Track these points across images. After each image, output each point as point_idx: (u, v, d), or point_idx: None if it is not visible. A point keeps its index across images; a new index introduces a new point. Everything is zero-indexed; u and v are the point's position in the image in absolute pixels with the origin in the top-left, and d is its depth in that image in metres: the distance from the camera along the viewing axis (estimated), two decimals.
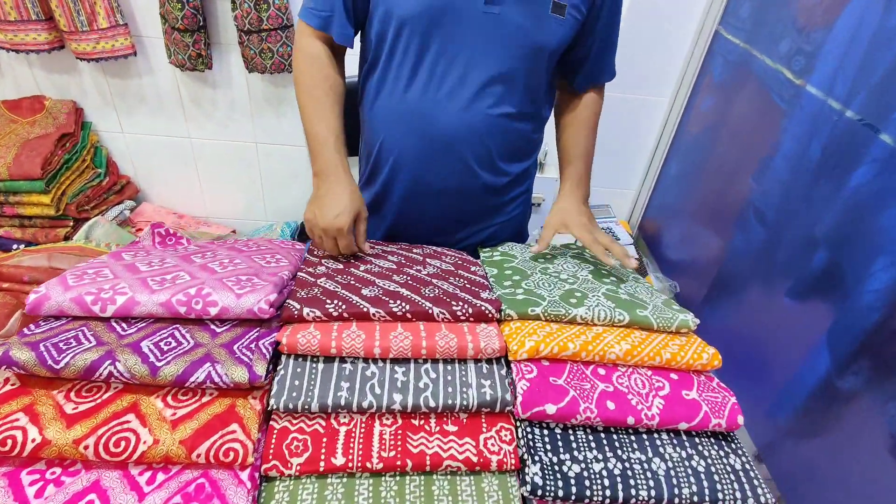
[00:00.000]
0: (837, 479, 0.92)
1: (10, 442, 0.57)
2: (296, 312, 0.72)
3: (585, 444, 0.68)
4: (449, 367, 0.71)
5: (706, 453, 0.69)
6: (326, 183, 0.90)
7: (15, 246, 1.53)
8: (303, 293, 0.77)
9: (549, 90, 1.00)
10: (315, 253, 0.94)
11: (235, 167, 1.80)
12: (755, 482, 0.67)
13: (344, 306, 0.73)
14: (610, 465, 0.65)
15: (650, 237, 1.70)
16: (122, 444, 0.58)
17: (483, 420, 0.69)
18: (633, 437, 0.70)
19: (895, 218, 0.83)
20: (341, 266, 0.89)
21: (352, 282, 0.82)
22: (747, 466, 0.69)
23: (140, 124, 1.71)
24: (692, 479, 0.66)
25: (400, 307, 0.74)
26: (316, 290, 0.78)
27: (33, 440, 0.57)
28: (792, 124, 1.06)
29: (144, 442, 0.59)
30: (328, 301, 0.74)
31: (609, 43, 0.97)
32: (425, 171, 0.97)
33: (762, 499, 0.66)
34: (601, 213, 1.71)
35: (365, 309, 0.73)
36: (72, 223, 1.58)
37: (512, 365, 0.72)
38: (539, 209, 1.79)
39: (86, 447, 0.58)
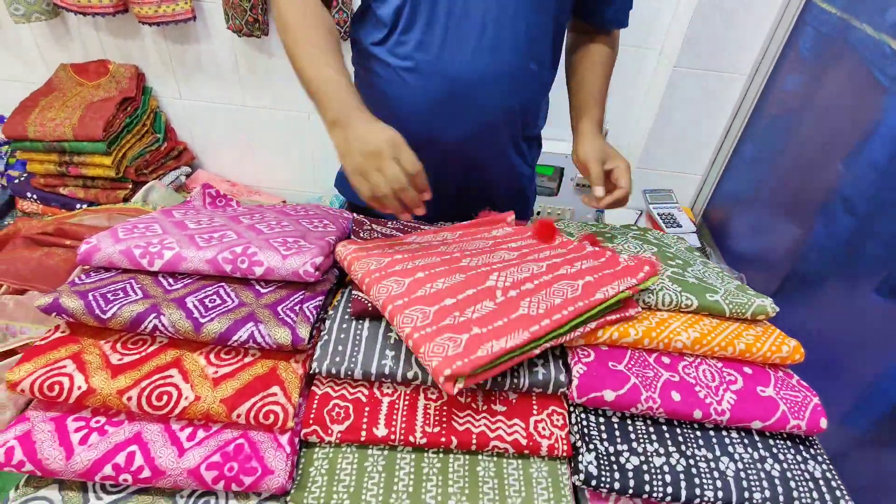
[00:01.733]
0: None
1: (57, 388, 0.57)
2: (369, 306, 0.68)
3: (646, 437, 0.62)
4: None
5: (781, 457, 0.62)
6: (353, 126, 0.72)
7: (78, 205, 1.58)
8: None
9: (555, 49, 0.94)
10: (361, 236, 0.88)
11: (288, 137, 1.80)
12: (837, 493, 0.60)
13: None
14: (672, 461, 0.60)
15: (716, 226, 1.59)
16: (165, 398, 0.57)
17: (534, 402, 0.64)
18: (699, 433, 0.63)
19: None
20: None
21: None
22: (829, 475, 0.62)
23: (198, 91, 1.73)
24: (765, 484, 0.59)
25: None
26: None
27: (79, 387, 0.57)
28: (894, 101, 0.95)
29: (186, 398, 0.57)
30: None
31: None
32: (442, 124, 0.90)
33: None
34: (663, 199, 1.62)
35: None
36: (131, 186, 1.62)
37: (567, 349, 0.67)
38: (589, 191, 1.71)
39: (129, 398, 0.57)
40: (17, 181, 1.65)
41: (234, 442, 0.57)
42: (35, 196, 1.61)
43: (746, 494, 0.58)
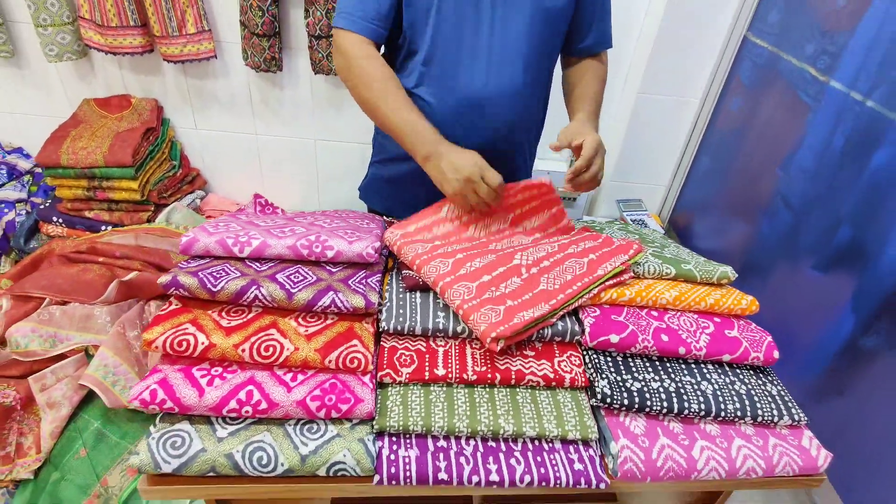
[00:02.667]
0: (863, 431, 1.03)
1: (185, 344, 0.71)
2: (420, 281, 0.85)
3: (643, 368, 0.80)
4: None
5: (746, 380, 0.81)
6: (443, 154, 0.90)
7: (103, 227, 1.70)
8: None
9: (551, 68, 1.10)
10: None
11: (295, 162, 1.97)
12: (790, 405, 0.79)
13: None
14: (665, 384, 0.78)
15: (681, 229, 1.82)
16: (271, 349, 0.72)
17: (556, 348, 0.82)
18: (683, 366, 0.82)
19: None
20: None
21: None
22: (782, 393, 0.81)
23: (212, 121, 1.88)
24: (735, 399, 0.78)
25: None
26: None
27: (202, 343, 0.72)
28: (817, 117, 1.19)
29: (287, 349, 0.73)
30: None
31: (604, 12, 1.08)
32: (459, 132, 1.01)
33: (796, 417, 0.77)
34: (634, 207, 1.84)
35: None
36: (152, 208, 1.75)
37: (578, 308, 0.85)
38: (574, 203, 1.93)
39: (243, 350, 0.72)
40: (41, 207, 1.75)
41: (329, 381, 0.73)
42: (61, 220, 1.71)
43: (722, 406, 0.76)
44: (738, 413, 0.76)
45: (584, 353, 0.82)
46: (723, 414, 0.76)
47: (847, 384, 1.07)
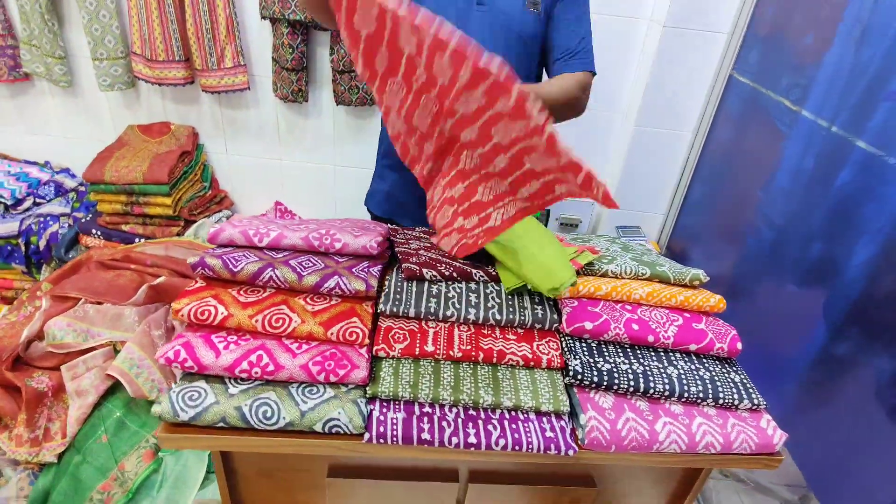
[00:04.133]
0: (836, 432, 1.08)
1: (206, 313, 0.82)
2: (417, 271, 0.95)
3: (614, 353, 0.88)
4: (510, 296, 0.94)
5: (711, 368, 0.88)
6: None
7: (137, 240, 1.85)
8: (414, 259, 1.00)
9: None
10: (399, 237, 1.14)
11: (315, 186, 2.12)
12: (750, 391, 0.85)
13: (453, 266, 0.96)
14: (634, 367, 0.85)
15: (677, 255, 1.90)
16: (281, 321, 0.82)
17: (535, 334, 0.90)
18: (651, 353, 0.89)
19: (872, 207, 1.03)
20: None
21: (444, 256, 1.02)
22: (745, 380, 0.88)
23: (242, 148, 2.06)
24: (699, 382, 0.85)
25: None
26: (423, 256, 1.02)
27: (222, 314, 0.82)
28: (791, 143, 1.29)
29: (295, 321, 0.83)
30: (438, 265, 0.97)
31: (580, 36, 1.14)
32: None
33: (755, 401, 0.84)
34: (633, 234, 1.93)
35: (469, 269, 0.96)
36: (182, 223, 1.90)
37: (557, 299, 0.94)
38: (575, 230, 2.02)
39: (256, 321, 0.82)
40: (82, 220, 1.92)
41: (330, 350, 0.82)
42: (99, 232, 1.87)
43: (686, 388, 0.83)
44: (701, 395, 0.83)
45: (562, 338, 0.91)
46: (686, 395, 0.83)
47: (826, 389, 1.13)
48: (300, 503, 0.98)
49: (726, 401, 0.83)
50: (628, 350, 0.89)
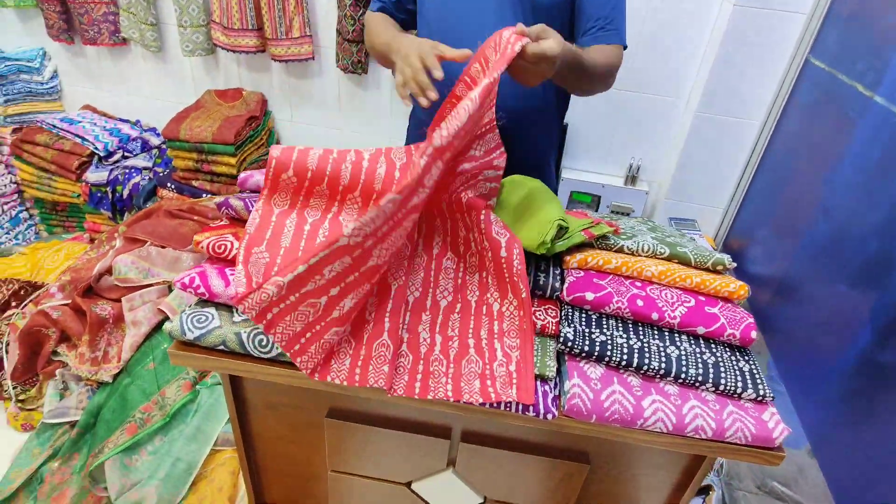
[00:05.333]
0: (874, 449, 0.98)
1: (223, 247, 0.88)
2: None
3: (614, 327, 0.85)
4: None
5: (717, 353, 0.83)
6: (399, 45, 0.98)
7: (204, 195, 2.00)
8: None
9: None
10: None
11: None
12: (757, 381, 0.80)
13: None
14: (631, 342, 0.82)
15: (734, 253, 1.78)
16: None
17: (535, 301, 0.89)
18: (655, 331, 0.86)
19: None
20: None
21: None
22: (754, 370, 0.82)
23: (306, 116, 2.16)
24: (700, 365, 0.80)
25: None
26: None
27: (236, 248, 0.88)
28: (858, 131, 1.17)
29: None
30: None
31: (611, 7, 1.07)
32: None
33: (761, 392, 0.78)
34: (688, 227, 1.83)
35: None
36: None
37: (564, 269, 0.92)
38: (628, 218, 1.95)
39: None
40: (160, 174, 2.10)
41: None
42: (173, 186, 2.05)
43: (684, 370, 0.79)
44: (700, 378, 0.79)
45: (562, 307, 0.89)
46: (683, 376, 0.79)
47: (867, 401, 1.03)
48: (303, 439, 1.04)
49: (728, 388, 0.78)
50: (629, 325, 0.86)
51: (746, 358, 0.84)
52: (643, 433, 0.78)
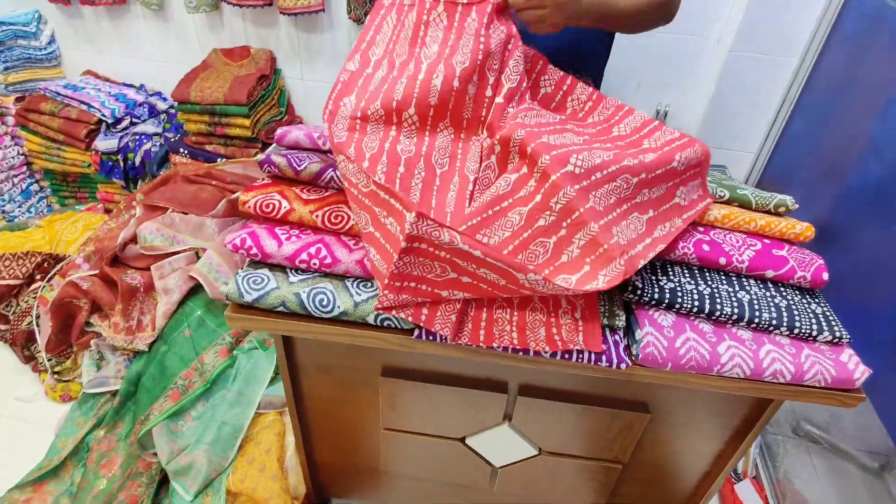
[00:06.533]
0: None
1: (271, 206, 0.85)
2: None
3: (681, 273, 0.83)
4: None
5: (789, 296, 0.81)
6: None
7: (219, 159, 1.95)
8: None
9: None
10: None
11: None
12: (833, 323, 0.78)
13: None
14: (700, 287, 0.80)
15: None
16: (339, 218, 0.84)
17: None
18: (722, 276, 0.83)
19: None
20: None
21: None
22: (828, 313, 0.80)
23: (317, 73, 2.08)
24: (772, 309, 0.78)
25: None
26: None
27: (285, 207, 0.85)
28: None
29: (352, 220, 0.84)
30: None
31: None
32: None
33: (837, 334, 0.77)
34: (717, 172, 1.79)
35: None
36: (260, 145, 1.97)
37: None
38: None
39: (316, 216, 0.84)
40: (172, 140, 2.04)
41: None
42: (186, 151, 1.99)
43: (757, 314, 0.77)
44: (774, 322, 0.77)
45: None
46: (756, 320, 0.77)
47: None
48: (355, 400, 1.03)
49: (803, 331, 0.77)
50: (696, 271, 0.83)
51: (817, 300, 0.83)
52: (720, 379, 0.76)
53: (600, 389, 0.92)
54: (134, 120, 2.09)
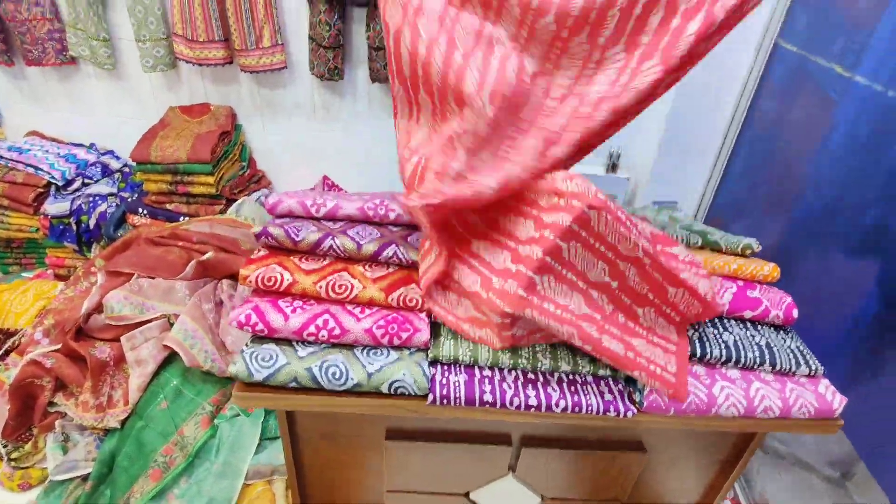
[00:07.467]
0: (891, 403, 1.07)
1: (273, 279, 0.85)
2: None
3: None
4: None
5: (766, 335, 0.89)
6: None
7: (181, 218, 1.90)
8: None
9: None
10: None
11: (351, 163, 2.14)
12: (807, 357, 0.86)
13: None
14: (690, 332, 0.86)
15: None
16: (343, 287, 0.85)
17: None
18: (707, 320, 0.90)
19: None
20: None
21: None
22: (801, 347, 0.88)
23: (279, 127, 2.08)
24: (755, 348, 0.85)
25: None
26: None
27: (288, 280, 0.85)
28: (843, 110, 1.26)
29: (357, 287, 0.85)
30: None
31: None
32: None
33: (812, 367, 0.84)
34: (669, 209, 1.91)
35: None
36: (224, 202, 1.94)
37: None
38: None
39: (320, 287, 0.85)
40: (129, 200, 1.97)
41: (391, 314, 0.85)
42: (145, 211, 1.93)
43: (742, 353, 0.84)
44: (758, 360, 0.84)
45: None
46: (742, 360, 0.84)
47: (878, 362, 1.12)
48: (358, 464, 1.02)
49: (783, 367, 0.84)
50: None
51: (790, 336, 0.91)
52: (717, 419, 0.82)
53: (597, 433, 0.96)
54: (86, 181, 2.01)
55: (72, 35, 1.88)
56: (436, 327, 0.87)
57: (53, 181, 1.93)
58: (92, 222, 1.94)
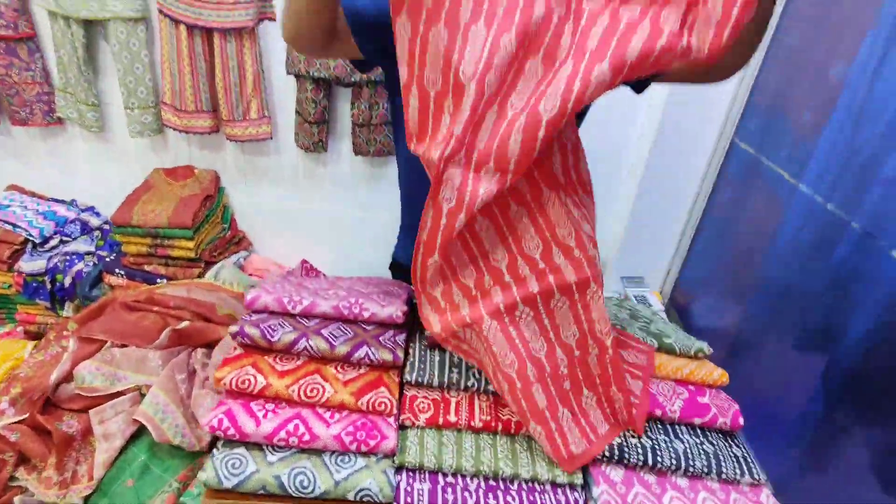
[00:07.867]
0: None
1: (247, 382, 0.88)
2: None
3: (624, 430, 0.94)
4: None
5: (714, 442, 0.94)
6: None
7: (159, 280, 1.91)
8: None
9: None
10: None
11: (332, 231, 2.19)
12: (751, 465, 0.91)
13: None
14: (643, 441, 0.91)
15: (680, 307, 1.97)
16: (315, 391, 0.89)
17: None
18: (659, 426, 0.95)
19: (866, 286, 1.10)
20: None
21: None
22: (746, 455, 0.93)
23: (262, 192, 2.14)
24: (703, 456, 0.91)
25: None
26: None
27: (261, 383, 0.88)
28: (789, 214, 1.37)
29: (328, 391, 0.89)
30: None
31: None
32: None
33: (756, 476, 0.90)
34: (637, 284, 2.00)
35: None
36: (203, 265, 1.97)
37: None
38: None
39: (292, 391, 0.88)
40: (107, 259, 1.99)
41: (360, 420, 0.88)
42: (122, 272, 1.94)
43: (692, 462, 0.89)
44: (706, 469, 0.89)
45: None
46: (691, 469, 0.89)
47: (822, 458, 1.18)
48: None
49: (729, 475, 0.89)
50: None
51: (737, 442, 0.96)
52: None
53: None
54: (64, 238, 2.02)
55: (61, 98, 1.93)
56: (403, 432, 0.91)
57: (31, 238, 1.93)
58: (67, 281, 1.94)
